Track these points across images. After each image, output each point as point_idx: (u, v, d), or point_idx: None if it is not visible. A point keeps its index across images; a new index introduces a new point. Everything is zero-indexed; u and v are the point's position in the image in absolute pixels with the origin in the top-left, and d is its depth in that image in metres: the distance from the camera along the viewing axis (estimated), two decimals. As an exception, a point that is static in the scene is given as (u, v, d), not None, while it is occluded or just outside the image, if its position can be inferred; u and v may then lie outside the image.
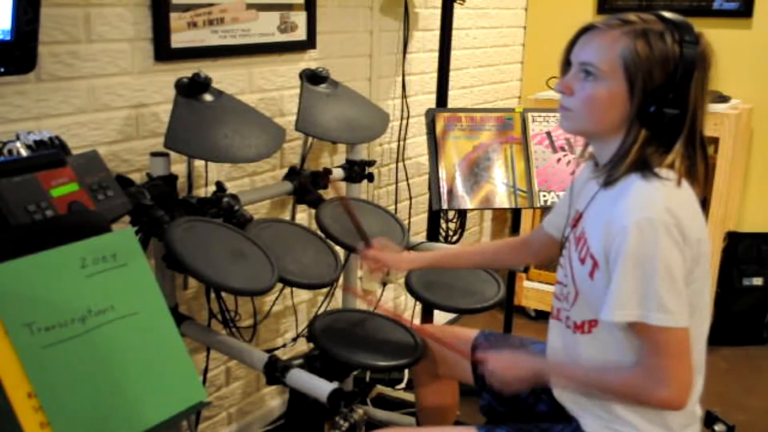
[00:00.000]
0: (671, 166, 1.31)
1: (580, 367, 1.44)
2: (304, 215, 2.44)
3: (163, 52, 1.89)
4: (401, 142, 2.91)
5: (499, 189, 2.45)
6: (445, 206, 2.43)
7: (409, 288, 2.03)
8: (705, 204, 1.36)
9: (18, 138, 1.34)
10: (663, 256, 1.23)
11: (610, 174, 1.35)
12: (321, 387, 1.53)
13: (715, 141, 3.03)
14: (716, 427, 2.05)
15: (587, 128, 1.37)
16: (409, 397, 2.54)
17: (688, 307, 1.28)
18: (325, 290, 2.30)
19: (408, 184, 2.98)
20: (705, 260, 1.34)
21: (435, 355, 1.81)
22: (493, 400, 1.66)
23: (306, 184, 2.13)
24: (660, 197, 1.27)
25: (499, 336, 1.80)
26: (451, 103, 2.86)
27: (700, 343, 1.38)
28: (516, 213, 2.71)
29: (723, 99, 3.11)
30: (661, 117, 1.28)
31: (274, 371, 1.62)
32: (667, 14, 1.31)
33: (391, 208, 2.91)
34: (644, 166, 1.31)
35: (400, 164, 2.94)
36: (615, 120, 1.33)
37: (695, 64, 1.27)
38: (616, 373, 1.36)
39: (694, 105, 1.29)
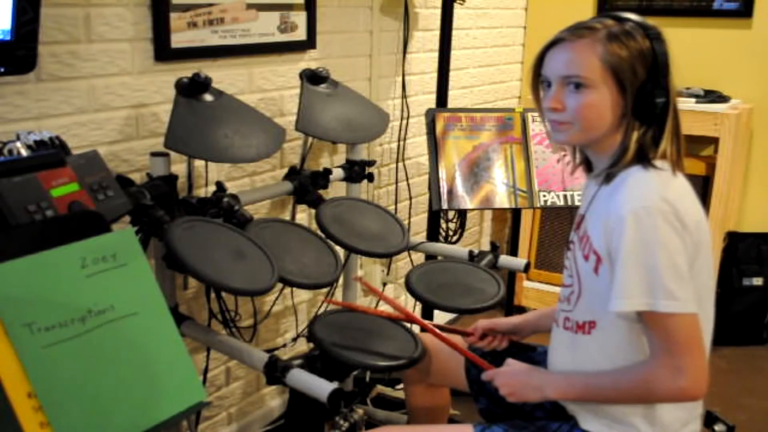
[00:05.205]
0: (664, 156, 1.35)
1: (589, 373, 1.42)
2: (304, 215, 2.44)
3: (163, 52, 1.89)
4: (401, 142, 2.90)
5: (499, 189, 2.45)
6: (445, 206, 2.43)
7: (409, 288, 2.02)
8: (705, 204, 1.36)
9: (18, 138, 1.34)
10: (664, 244, 1.25)
11: (612, 171, 1.38)
12: (321, 387, 1.52)
13: (715, 141, 3.02)
14: (716, 427, 2.04)
15: (587, 136, 1.39)
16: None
17: (695, 294, 1.28)
18: (325, 290, 2.30)
19: (408, 184, 2.98)
20: (706, 249, 1.35)
21: (427, 363, 1.80)
22: (491, 404, 1.67)
23: (306, 184, 2.13)
24: (655, 186, 1.31)
25: None
26: (451, 103, 2.86)
27: (706, 341, 1.38)
28: (516, 213, 2.71)
29: (723, 99, 3.11)
30: (654, 107, 1.33)
31: (274, 371, 1.61)
32: (622, 14, 1.38)
33: (391, 208, 2.91)
34: (642, 158, 1.35)
35: (400, 164, 2.94)
36: (612, 122, 1.36)
37: (667, 53, 1.34)
38: (627, 371, 1.36)
39: (673, 92, 1.35)
